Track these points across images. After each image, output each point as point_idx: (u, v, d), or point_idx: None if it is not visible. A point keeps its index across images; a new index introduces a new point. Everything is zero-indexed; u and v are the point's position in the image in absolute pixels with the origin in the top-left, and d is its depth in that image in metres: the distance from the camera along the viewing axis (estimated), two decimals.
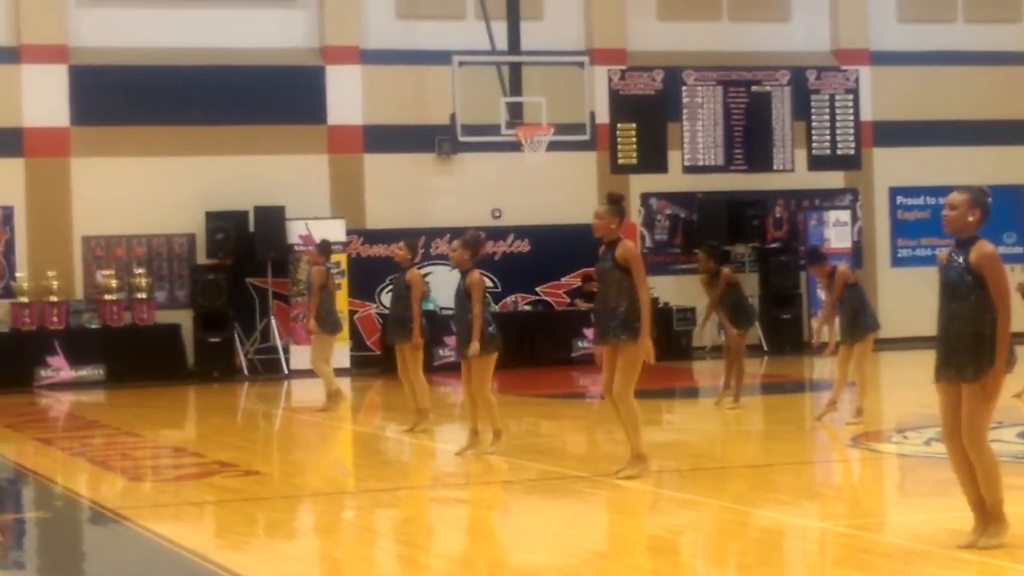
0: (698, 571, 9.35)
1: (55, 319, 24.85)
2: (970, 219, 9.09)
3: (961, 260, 9.06)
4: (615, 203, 12.70)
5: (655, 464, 12.68)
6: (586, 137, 25.32)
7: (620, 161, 27.43)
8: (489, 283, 26.09)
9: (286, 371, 25.17)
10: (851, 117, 28.49)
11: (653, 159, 27.60)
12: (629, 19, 28.45)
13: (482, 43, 25.51)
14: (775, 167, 28.09)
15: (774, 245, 28.18)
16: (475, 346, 13.69)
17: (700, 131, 27.99)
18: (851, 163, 28.75)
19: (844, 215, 28.51)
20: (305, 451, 16.57)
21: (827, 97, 28.55)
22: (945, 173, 29.23)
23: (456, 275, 14.42)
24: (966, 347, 9.01)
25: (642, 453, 12.25)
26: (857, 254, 28.60)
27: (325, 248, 19.75)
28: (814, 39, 29.39)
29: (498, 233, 27.09)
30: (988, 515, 9.02)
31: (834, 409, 16.01)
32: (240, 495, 12.57)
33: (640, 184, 28.11)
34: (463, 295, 13.96)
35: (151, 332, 25.21)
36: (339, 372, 24.91)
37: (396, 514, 11.85)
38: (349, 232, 26.14)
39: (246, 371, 25.22)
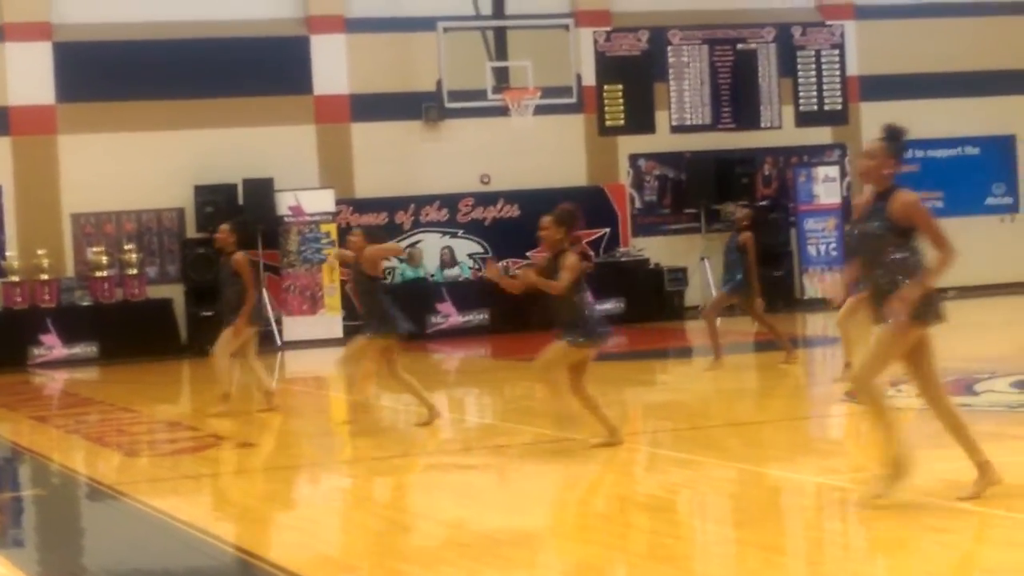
0: (696, 529, 9.37)
1: (47, 297, 24.83)
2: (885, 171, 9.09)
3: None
4: (566, 215, 12.34)
5: (649, 425, 12.64)
6: (573, 100, 25.32)
7: (607, 123, 27.42)
8: (479, 248, 26.20)
9: (279, 343, 25.17)
10: (837, 72, 28.49)
11: (640, 120, 27.59)
12: None
13: (466, 8, 25.46)
14: (762, 124, 28.10)
15: (763, 203, 28.17)
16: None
17: (687, 90, 27.97)
18: (838, 118, 28.76)
19: (833, 171, 28.49)
20: (300, 422, 16.57)
21: (813, 53, 28.54)
22: (933, 126, 29.21)
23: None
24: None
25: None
26: (846, 209, 28.59)
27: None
28: None
29: (487, 198, 27.08)
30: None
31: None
32: (237, 467, 12.58)
33: (628, 145, 28.09)
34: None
35: (143, 307, 25.21)
36: (332, 343, 25.04)
37: (393, 482, 11.86)
38: (338, 202, 26.11)
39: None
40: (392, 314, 14.33)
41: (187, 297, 25.27)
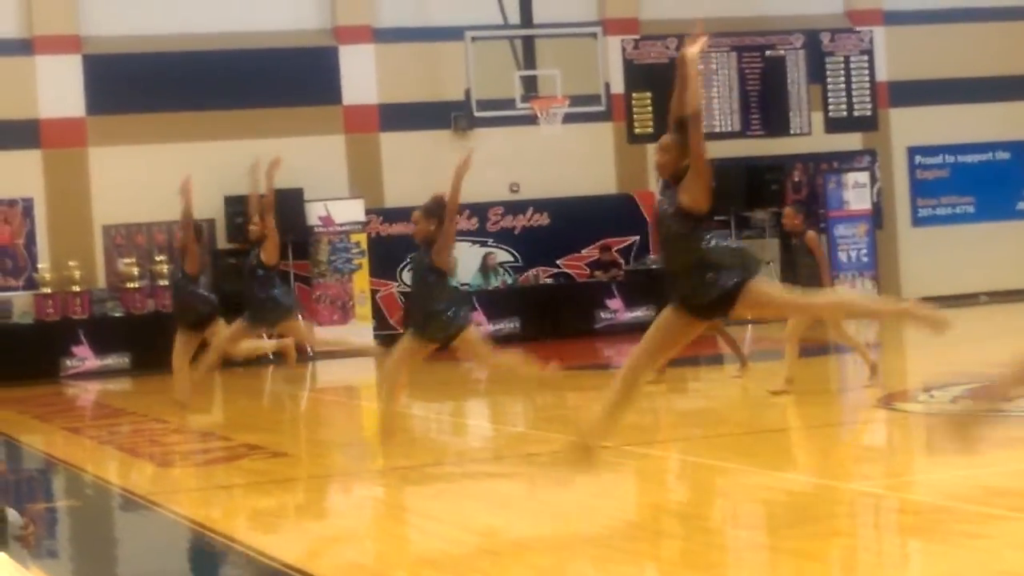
0: (729, 536, 9.36)
1: (78, 309, 24.93)
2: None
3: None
4: (435, 207, 13.55)
5: (680, 432, 12.62)
6: (602, 108, 25.32)
7: (636, 131, 27.39)
8: (510, 257, 26.21)
9: (310, 353, 25.19)
10: (867, 78, 28.41)
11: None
12: None
13: (494, 17, 25.48)
14: (792, 131, 28.02)
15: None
16: None
17: (716, 98, 27.93)
18: (868, 124, 28.68)
19: (863, 176, 28.42)
20: (331, 431, 16.61)
21: (842, 59, 28.46)
22: (963, 131, 29.18)
23: None
24: None
25: None
26: (877, 215, 28.54)
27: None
28: (827, 1, 29.30)
29: (517, 207, 27.10)
30: None
31: (875, 372, 15.99)
32: (269, 477, 12.60)
33: None
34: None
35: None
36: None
37: (425, 491, 11.86)
38: (368, 211, 26.16)
39: (270, 354, 25.24)
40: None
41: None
